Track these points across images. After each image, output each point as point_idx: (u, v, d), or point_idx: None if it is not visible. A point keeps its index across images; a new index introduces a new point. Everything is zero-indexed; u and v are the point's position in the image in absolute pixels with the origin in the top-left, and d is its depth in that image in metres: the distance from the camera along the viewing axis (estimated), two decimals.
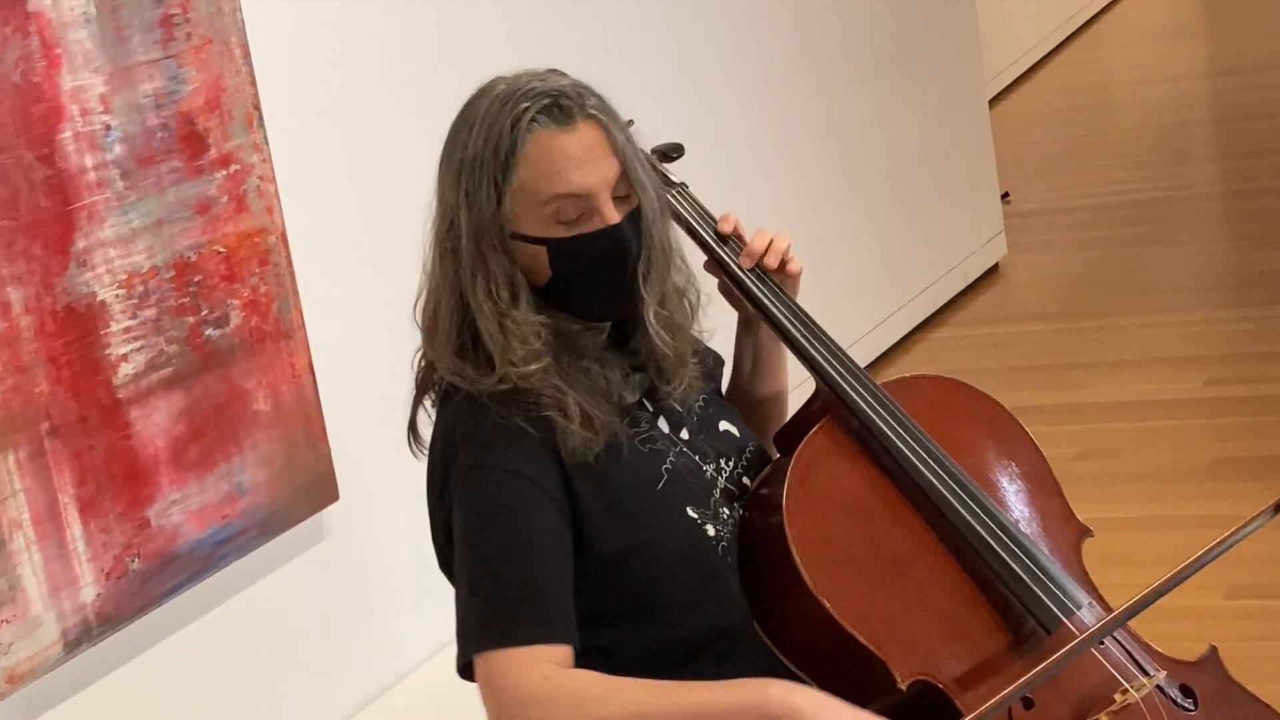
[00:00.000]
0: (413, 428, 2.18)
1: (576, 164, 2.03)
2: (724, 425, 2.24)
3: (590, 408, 2.05)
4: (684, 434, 2.17)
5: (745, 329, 2.34)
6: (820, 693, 1.95)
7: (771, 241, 2.26)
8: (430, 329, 2.10)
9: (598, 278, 2.07)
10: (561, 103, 2.04)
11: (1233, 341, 5.23)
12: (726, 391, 2.36)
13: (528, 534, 2.00)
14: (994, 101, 8.25)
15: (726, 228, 2.28)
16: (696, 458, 2.16)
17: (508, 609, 1.98)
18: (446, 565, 2.13)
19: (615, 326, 2.15)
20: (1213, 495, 4.23)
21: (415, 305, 2.13)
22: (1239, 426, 4.61)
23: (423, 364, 2.15)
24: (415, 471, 3.25)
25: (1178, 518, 4.14)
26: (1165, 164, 7.32)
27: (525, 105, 2.03)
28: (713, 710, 1.93)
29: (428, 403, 2.16)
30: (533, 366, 2.03)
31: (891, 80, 5.58)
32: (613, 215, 2.06)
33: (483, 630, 1.99)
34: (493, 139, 2.03)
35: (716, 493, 2.14)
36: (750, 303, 2.27)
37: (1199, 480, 4.34)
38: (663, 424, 2.16)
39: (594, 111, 2.05)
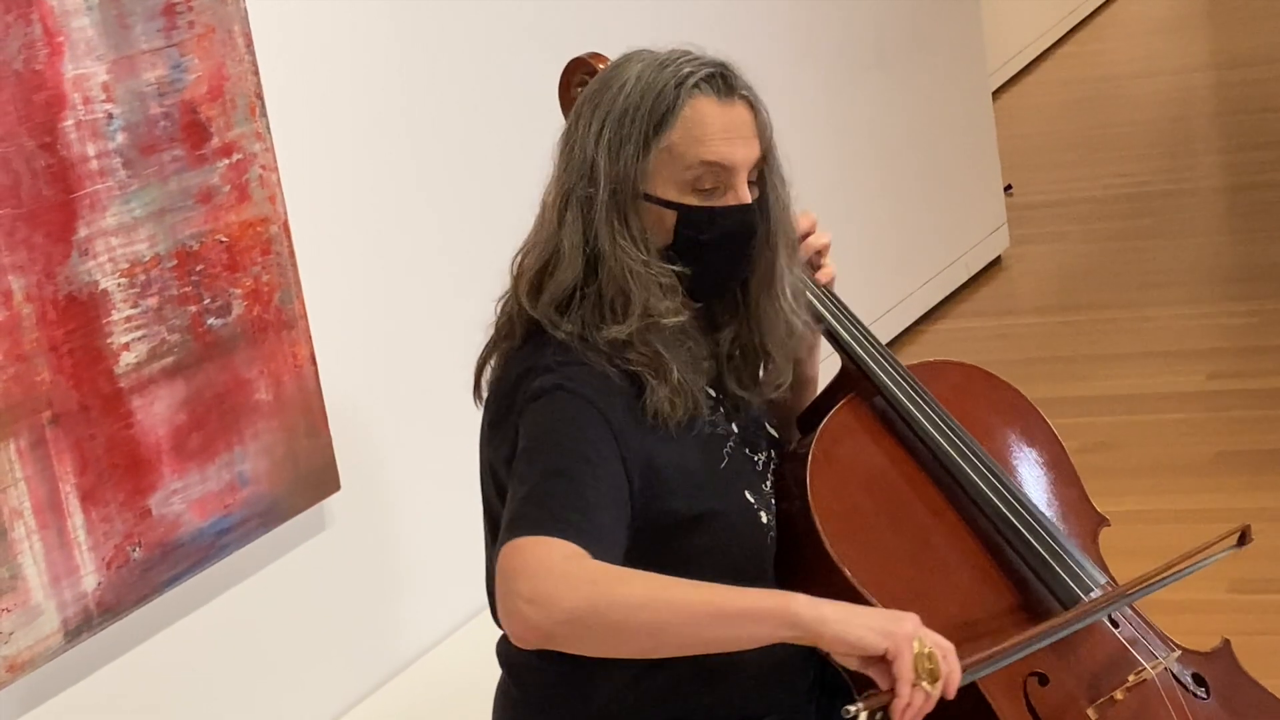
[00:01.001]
0: (479, 374, 2.17)
1: (728, 137, 2.06)
2: (768, 427, 2.26)
3: (686, 378, 2.05)
4: (734, 426, 2.18)
5: None
6: (847, 604, 1.90)
7: (809, 234, 2.28)
8: (537, 277, 2.09)
9: (719, 252, 2.08)
10: (724, 75, 2.08)
11: (1235, 335, 5.23)
12: None
13: (589, 455, 1.97)
14: (997, 94, 8.24)
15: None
16: (748, 449, 2.17)
17: (554, 509, 1.93)
18: (492, 520, 2.11)
19: (709, 312, 2.15)
20: (1215, 489, 4.23)
21: (517, 256, 2.13)
22: (1241, 420, 4.61)
23: (507, 311, 2.14)
24: (417, 461, 3.26)
25: (1180, 511, 4.14)
26: (1168, 157, 7.31)
27: (689, 70, 2.06)
28: (729, 609, 1.87)
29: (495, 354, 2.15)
30: (672, 320, 2.04)
31: (894, 73, 5.57)
32: (746, 195, 2.08)
33: (522, 521, 1.92)
34: (650, 95, 2.05)
35: (767, 485, 2.16)
36: None
37: (1201, 474, 4.34)
38: (720, 412, 2.16)
39: (746, 92, 2.10)
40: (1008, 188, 6.52)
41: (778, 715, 2.13)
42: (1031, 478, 2.31)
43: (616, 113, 2.05)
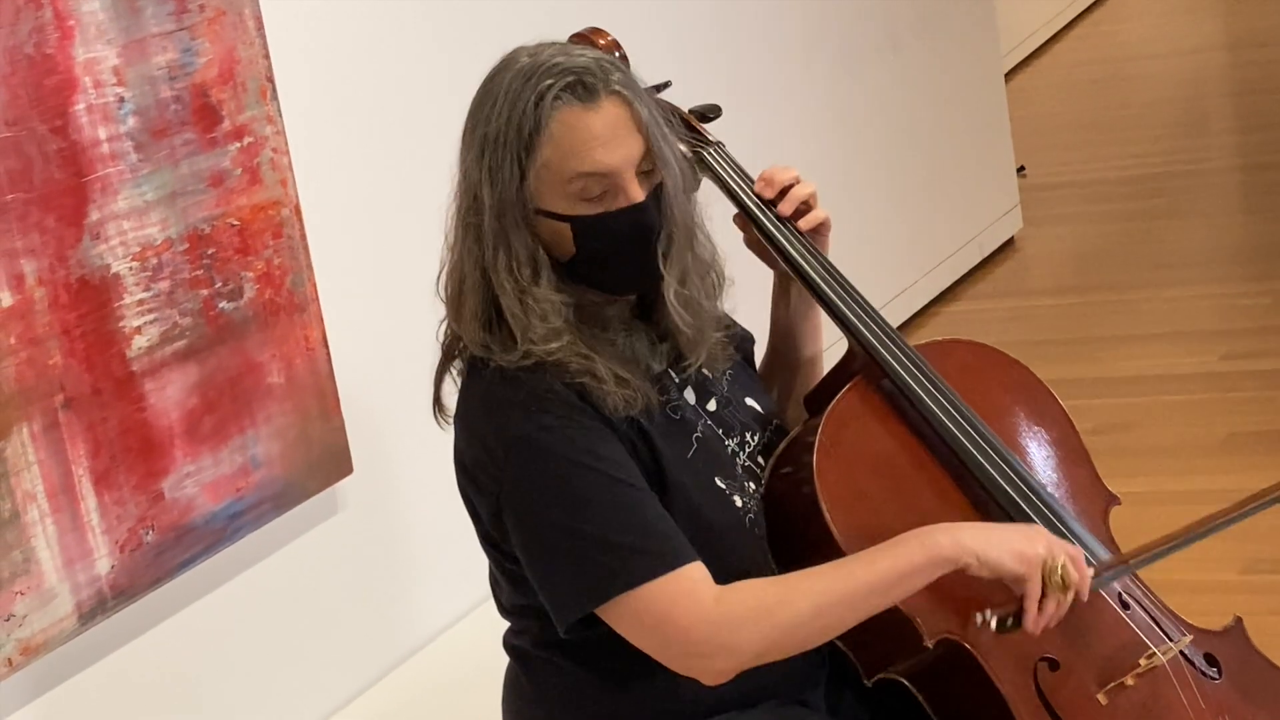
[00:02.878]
0: (438, 397, 2.17)
1: (601, 142, 2.01)
2: (749, 400, 2.24)
3: (621, 372, 2.04)
4: (710, 405, 2.17)
5: (780, 290, 2.33)
6: (977, 523, 2.05)
7: (791, 185, 2.25)
8: (455, 303, 2.09)
9: (622, 255, 2.06)
10: (585, 80, 2.01)
11: (1249, 316, 5.22)
12: (764, 356, 2.36)
13: (612, 470, 2.00)
14: (1010, 75, 8.22)
15: (767, 192, 2.25)
16: (720, 431, 2.16)
17: (634, 542, 1.97)
18: (487, 537, 2.12)
19: (640, 297, 2.14)
20: (1228, 470, 4.22)
21: (439, 278, 2.12)
22: (1254, 401, 4.60)
23: (448, 334, 2.14)
24: (429, 444, 3.25)
25: (1192, 492, 4.13)
26: (1182, 137, 7.29)
27: (549, 82, 2.01)
28: (891, 577, 1.98)
29: (453, 371, 2.15)
30: (552, 345, 2.02)
31: (907, 54, 5.56)
32: (637, 193, 2.04)
33: (615, 571, 1.96)
34: (515, 116, 2.01)
35: (739, 468, 2.15)
36: (783, 259, 2.26)
37: (1214, 454, 4.33)
38: (689, 394, 2.15)
39: (618, 88, 2.03)
40: (1021, 169, 6.51)
41: (787, 693, 2.14)
42: (1040, 457, 2.31)
43: (491, 135, 2.02)
